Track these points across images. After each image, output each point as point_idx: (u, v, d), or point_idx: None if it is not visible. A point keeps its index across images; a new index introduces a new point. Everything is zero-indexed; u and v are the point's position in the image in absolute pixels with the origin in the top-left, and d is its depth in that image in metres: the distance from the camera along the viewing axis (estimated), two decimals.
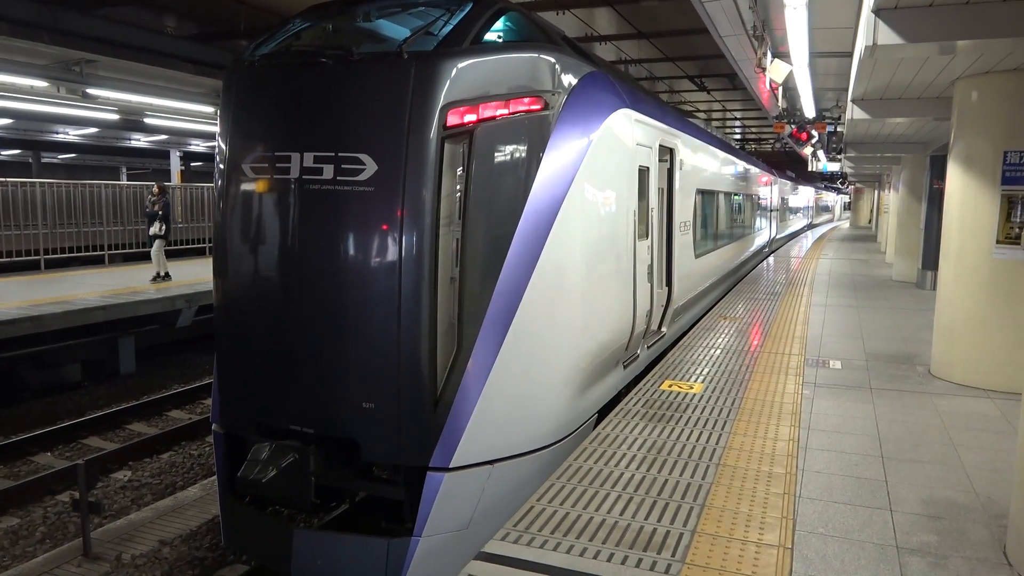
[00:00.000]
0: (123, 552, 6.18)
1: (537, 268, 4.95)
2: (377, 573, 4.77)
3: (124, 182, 23.89)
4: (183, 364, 12.94)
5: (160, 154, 30.36)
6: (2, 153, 33.41)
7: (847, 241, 31.05)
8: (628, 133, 6.46)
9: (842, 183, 43.72)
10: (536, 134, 5.02)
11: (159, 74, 12.97)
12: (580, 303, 5.50)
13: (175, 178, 26.79)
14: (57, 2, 10.67)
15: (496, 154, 4.88)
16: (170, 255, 16.99)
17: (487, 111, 4.81)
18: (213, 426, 5.56)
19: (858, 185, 44.61)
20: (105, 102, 14.18)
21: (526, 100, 4.99)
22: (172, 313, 12.11)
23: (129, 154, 33.91)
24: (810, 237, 34.09)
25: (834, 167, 26.94)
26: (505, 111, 4.89)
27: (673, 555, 3.57)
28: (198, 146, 27.68)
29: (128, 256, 16.36)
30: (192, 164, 33.40)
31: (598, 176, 5.71)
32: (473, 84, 4.78)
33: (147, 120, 18.15)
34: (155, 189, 13.51)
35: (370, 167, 4.64)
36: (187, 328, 12.57)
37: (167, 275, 13.37)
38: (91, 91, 12.46)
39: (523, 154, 4.99)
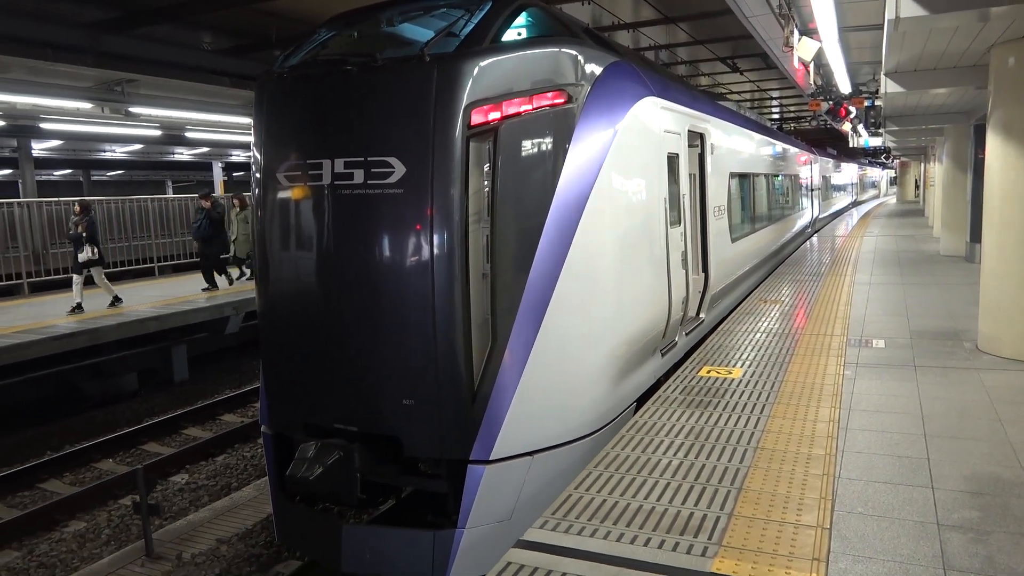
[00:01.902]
0: (183, 551, 6.44)
1: (568, 260, 5.01)
2: (424, 565, 4.90)
3: (170, 195, 24.57)
4: (233, 369, 13.32)
5: (203, 166, 31.19)
6: (55, 173, 34.66)
7: (894, 217, 30.31)
8: (655, 121, 6.46)
9: (886, 158, 42.64)
10: (561, 127, 5.07)
11: (197, 89, 13.34)
12: (613, 292, 5.54)
13: (218, 188, 27.48)
14: (97, 25, 11.03)
15: (522, 149, 4.94)
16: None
17: (511, 108, 4.87)
18: (262, 428, 5.76)
19: (903, 159, 43.43)
20: (147, 119, 14.68)
21: (549, 94, 5.04)
22: (221, 320, 12.47)
23: (173, 168, 34.93)
24: (855, 215, 33.34)
25: (876, 142, 26.31)
26: (529, 107, 4.95)
27: (710, 538, 3.61)
28: (239, 156, 28.33)
29: (177, 267, 16.85)
30: (234, 174, 34.16)
31: (625, 165, 5.73)
32: (495, 82, 4.85)
33: (188, 134, 18.70)
34: (76, 208, 11.50)
35: (399, 169, 4.75)
36: (235, 334, 12.92)
37: (79, 307, 11.36)
38: (133, 109, 12.91)
39: (548, 148, 5.05)
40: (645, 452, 4.78)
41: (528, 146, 4.97)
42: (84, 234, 11.14)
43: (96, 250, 11.31)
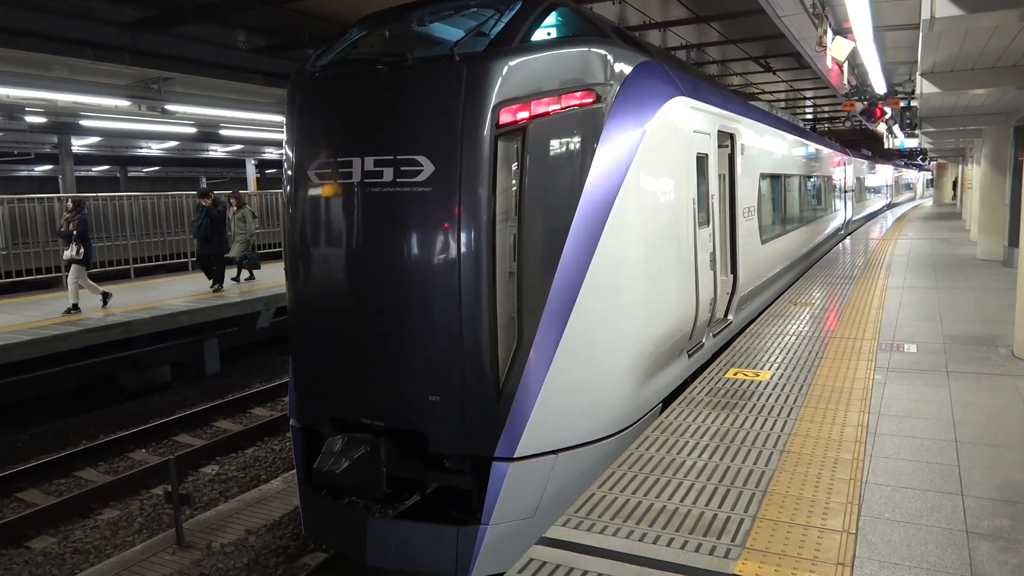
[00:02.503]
0: (213, 541, 6.56)
1: (594, 259, 5.01)
2: (448, 560, 4.94)
3: None
4: (264, 363, 13.50)
5: (237, 163, 31.65)
6: (93, 169, 35.39)
7: (929, 220, 29.76)
8: (684, 121, 6.43)
9: (923, 159, 41.85)
10: (589, 127, 5.08)
11: (232, 87, 13.56)
12: (640, 293, 5.53)
13: (251, 185, 27.85)
14: (135, 24, 11.27)
15: (549, 149, 4.96)
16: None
17: (539, 107, 4.89)
18: (291, 421, 5.85)
19: (940, 161, 42.60)
20: (183, 116, 14.93)
21: (577, 94, 5.05)
22: (252, 315, 12.66)
23: (208, 164, 35.47)
24: (890, 217, 32.78)
25: (912, 143, 25.84)
26: (557, 106, 4.96)
27: (733, 540, 3.60)
28: (272, 154, 28.68)
29: None
30: (267, 171, 34.59)
31: (653, 165, 5.72)
32: (524, 81, 4.87)
33: (223, 131, 18.98)
34: (69, 204, 11.20)
35: (427, 168, 4.79)
36: (266, 329, 13.11)
37: (106, 295, 11.41)
38: (169, 107, 13.15)
39: (576, 147, 5.06)
40: (670, 453, 4.77)
41: (556, 145, 4.98)
42: (75, 232, 10.81)
43: (81, 250, 10.82)
